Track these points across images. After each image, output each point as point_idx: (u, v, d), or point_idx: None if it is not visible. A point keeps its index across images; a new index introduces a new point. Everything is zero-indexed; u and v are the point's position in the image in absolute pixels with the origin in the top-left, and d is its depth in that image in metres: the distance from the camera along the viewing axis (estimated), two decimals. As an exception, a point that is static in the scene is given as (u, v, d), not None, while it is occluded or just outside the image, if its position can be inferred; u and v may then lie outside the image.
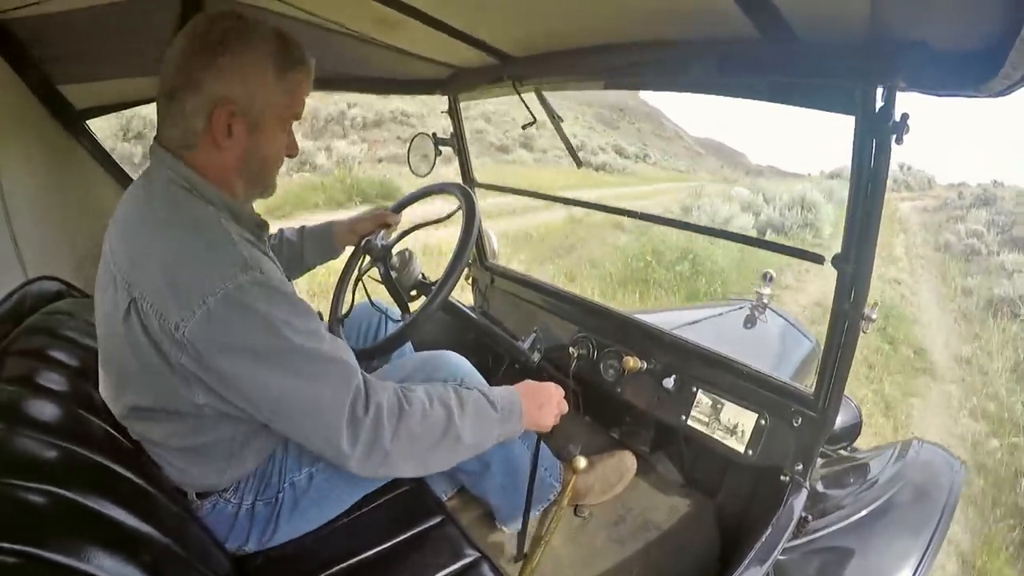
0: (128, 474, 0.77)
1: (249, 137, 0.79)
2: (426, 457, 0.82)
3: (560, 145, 1.46)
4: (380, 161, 11.42)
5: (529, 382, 1.01)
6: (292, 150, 0.87)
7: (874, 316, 0.92)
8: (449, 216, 1.28)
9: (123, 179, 1.41)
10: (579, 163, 1.50)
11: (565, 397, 1.05)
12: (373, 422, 0.75)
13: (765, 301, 1.94)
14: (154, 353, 0.73)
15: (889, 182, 0.85)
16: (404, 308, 1.29)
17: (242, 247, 0.74)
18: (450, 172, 1.95)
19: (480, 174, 1.75)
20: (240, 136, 0.78)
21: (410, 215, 1.37)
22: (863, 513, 1.11)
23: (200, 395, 0.76)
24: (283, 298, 0.74)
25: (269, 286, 0.73)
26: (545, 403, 0.99)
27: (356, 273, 1.35)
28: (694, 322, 1.93)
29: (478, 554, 0.99)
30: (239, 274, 0.70)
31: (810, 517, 1.04)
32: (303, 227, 1.33)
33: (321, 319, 1.49)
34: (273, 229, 1.34)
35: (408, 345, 1.40)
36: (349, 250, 1.38)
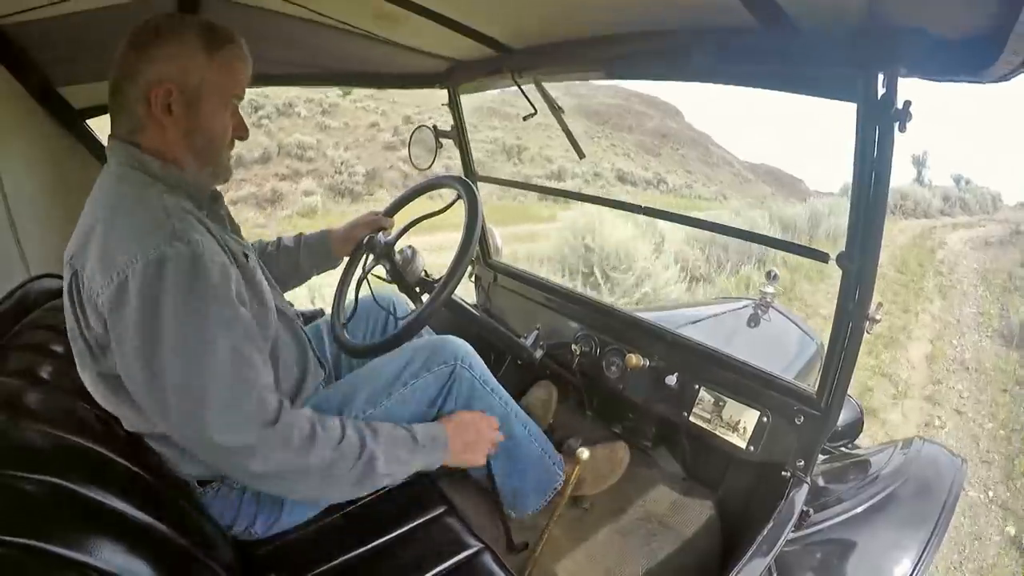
0: (129, 465, 0.77)
1: (189, 113, 0.82)
2: (333, 480, 0.83)
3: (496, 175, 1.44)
4: (235, 204, 11.19)
5: (462, 415, 1.04)
6: (241, 131, 0.91)
7: (879, 316, 0.91)
8: (448, 207, 1.27)
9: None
10: (581, 155, 1.50)
11: (566, 392, 1.05)
12: (282, 436, 0.77)
13: (769, 300, 1.94)
14: (83, 326, 0.75)
15: (938, 201, 0.83)
16: (417, 301, 1.29)
17: (176, 219, 0.74)
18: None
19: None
20: (180, 114, 0.81)
21: (414, 209, 1.36)
22: (865, 507, 1.11)
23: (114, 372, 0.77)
24: (206, 277, 0.73)
25: (193, 260, 0.72)
26: (475, 440, 1.02)
27: (360, 272, 1.35)
28: (697, 321, 1.93)
29: (481, 545, 0.99)
30: (162, 244, 0.71)
31: (811, 511, 1.04)
32: (301, 235, 1.34)
33: (323, 314, 1.50)
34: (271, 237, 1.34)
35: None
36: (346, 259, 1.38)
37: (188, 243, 0.73)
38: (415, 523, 1.03)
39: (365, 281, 1.34)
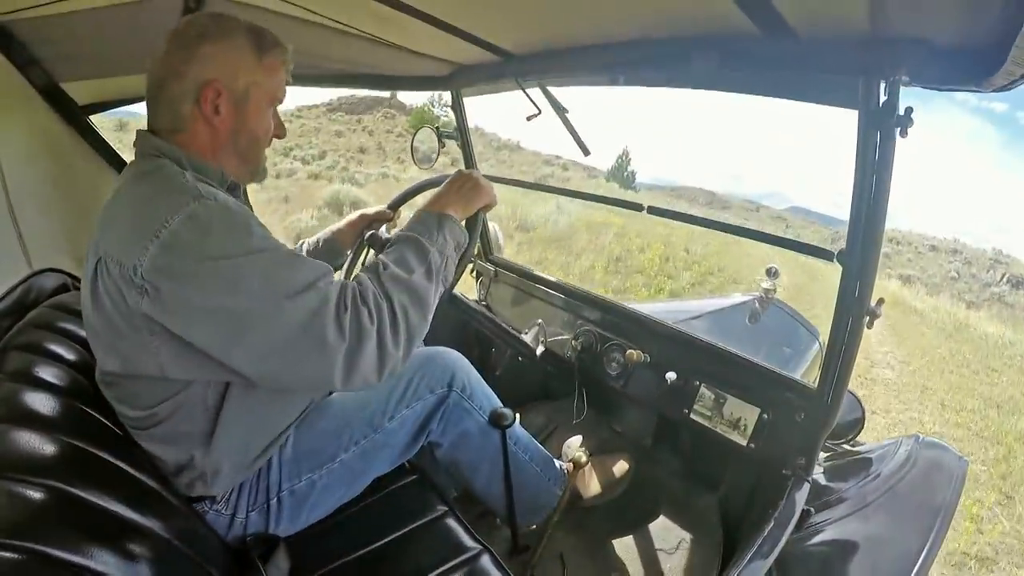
0: (129, 469, 0.77)
1: (236, 114, 0.84)
2: (420, 294, 0.79)
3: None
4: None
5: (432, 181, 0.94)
6: (280, 131, 0.93)
7: (879, 312, 0.92)
8: None
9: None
10: (586, 152, 1.50)
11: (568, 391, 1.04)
12: (354, 314, 0.72)
13: (769, 296, 1.95)
14: (116, 312, 0.72)
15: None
16: None
17: (199, 185, 0.75)
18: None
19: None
20: (227, 114, 0.83)
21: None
22: (866, 505, 1.11)
23: (162, 351, 0.73)
24: (238, 215, 0.73)
25: (224, 206, 0.73)
26: (471, 187, 0.97)
27: (359, 265, 1.35)
28: (697, 316, 1.94)
29: (480, 547, 0.99)
30: (191, 202, 0.71)
31: (812, 510, 1.04)
32: (318, 237, 1.33)
33: None
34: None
35: None
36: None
37: (216, 199, 0.73)
38: (414, 525, 1.03)
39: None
